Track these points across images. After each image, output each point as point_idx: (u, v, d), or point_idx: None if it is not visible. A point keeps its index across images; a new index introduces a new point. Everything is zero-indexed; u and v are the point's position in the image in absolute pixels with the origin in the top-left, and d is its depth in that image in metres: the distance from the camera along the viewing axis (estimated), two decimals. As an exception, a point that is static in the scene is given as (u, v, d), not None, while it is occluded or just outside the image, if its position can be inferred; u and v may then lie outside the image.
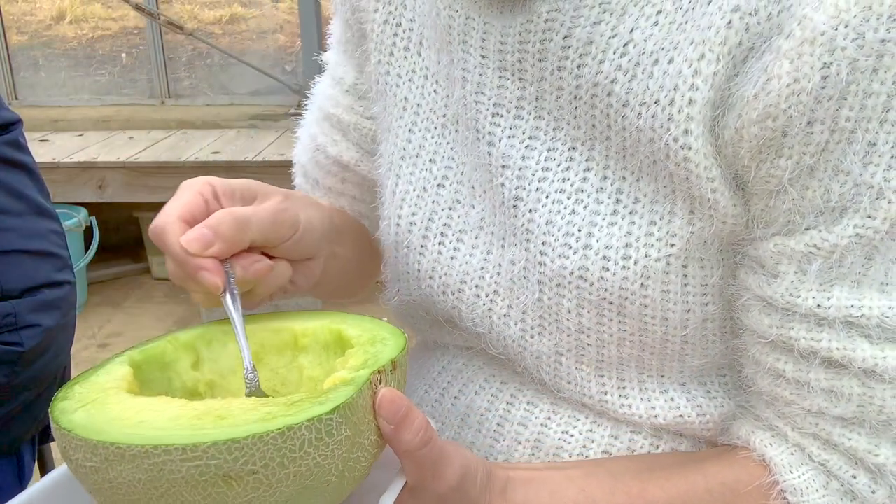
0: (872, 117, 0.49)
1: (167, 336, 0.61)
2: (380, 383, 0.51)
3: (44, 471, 1.51)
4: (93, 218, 3.05)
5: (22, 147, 1.28)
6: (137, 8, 3.30)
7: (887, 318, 0.53)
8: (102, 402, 0.50)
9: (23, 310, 1.24)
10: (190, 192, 0.59)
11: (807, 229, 0.53)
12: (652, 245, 0.57)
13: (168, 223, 0.57)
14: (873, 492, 0.56)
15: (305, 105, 0.84)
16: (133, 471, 0.45)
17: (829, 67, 0.48)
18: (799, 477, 0.57)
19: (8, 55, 3.79)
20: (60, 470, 0.55)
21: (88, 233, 3.04)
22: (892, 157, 0.50)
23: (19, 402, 1.24)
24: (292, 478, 0.46)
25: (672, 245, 0.57)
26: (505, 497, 0.57)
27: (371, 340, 0.56)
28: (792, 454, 0.58)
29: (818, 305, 0.54)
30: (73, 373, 1.60)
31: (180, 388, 0.59)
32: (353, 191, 0.81)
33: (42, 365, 1.26)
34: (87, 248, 2.94)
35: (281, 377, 0.61)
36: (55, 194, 1.41)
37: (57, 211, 1.34)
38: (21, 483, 1.32)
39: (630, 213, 0.58)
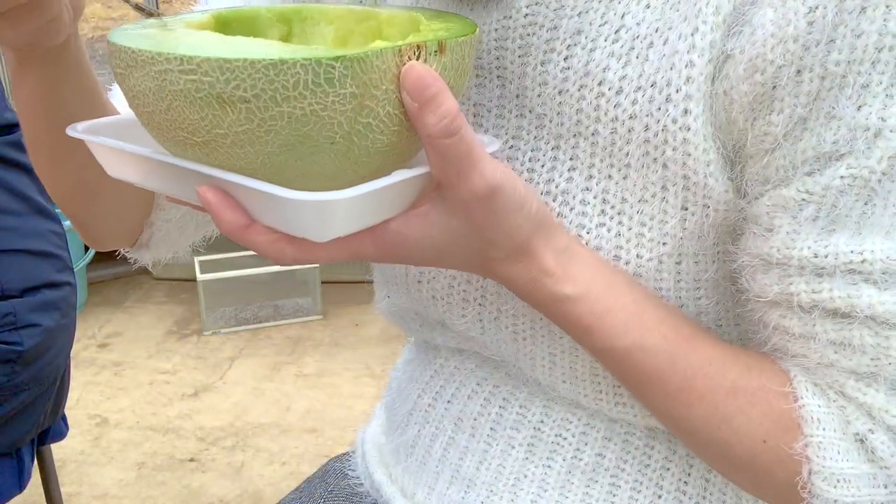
0: (864, 59, 0.48)
1: (263, 5, 0.60)
2: (417, 59, 0.47)
3: (43, 472, 1.52)
4: (93, 218, 3.05)
5: (24, 148, 1.29)
6: (137, 8, 3.30)
7: (892, 260, 0.50)
8: (157, 27, 0.51)
9: (22, 309, 1.24)
10: None
11: (800, 177, 0.51)
12: (643, 245, 0.57)
13: None
14: (892, 454, 0.53)
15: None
16: (143, 78, 0.46)
17: (814, 11, 0.47)
18: (818, 407, 0.54)
19: (8, 55, 3.78)
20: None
21: (88, 232, 3.04)
22: (886, 96, 0.49)
23: (19, 403, 1.25)
24: (287, 119, 0.44)
25: (664, 244, 0.56)
26: (558, 258, 0.54)
27: (437, 29, 0.52)
28: (815, 385, 0.55)
29: (815, 255, 0.52)
30: (73, 374, 1.61)
31: None
32: None
33: (42, 365, 1.27)
34: (87, 247, 2.95)
35: None
36: (55, 195, 1.41)
37: (57, 211, 1.34)
38: (20, 484, 1.33)
39: (618, 213, 0.57)
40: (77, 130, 0.56)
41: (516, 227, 0.52)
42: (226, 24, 0.58)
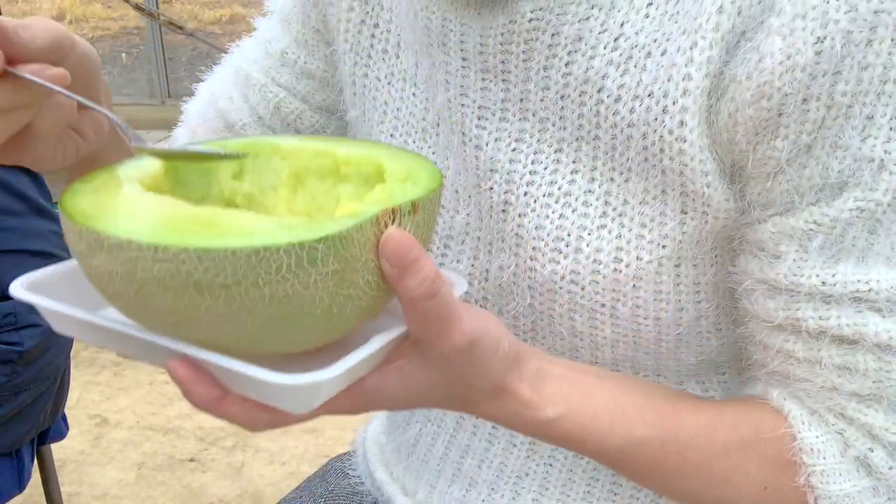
0: (869, 90, 0.49)
1: (215, 140, 0.58)
2: (392, 223, 0.47)
3: (43, 471, 1.52)
4: (93, 218, 3.05)
5: (23, 148, 1.29)
6: (137, 8, 3.30)
7: None
8: (111, 191, 0.49)
9: (23, 309, 1.24)
10: None
11: (807, 206, 0.52)
12: (643, 247, 0.57)
13: None
14: (890, 468, 0.55)
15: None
16: (111, 262, 0.44)
17: (822, 42, 0.48)
18: (817, 437, 0.55)
19: (8, 55, 3.78)
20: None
21: (88, 233, 3.03)
22: (891, 128, 0.50)
23: (19, 403, 1.25)
24: (268, 300, 0.43)
25: (664, 247, 0.57)
26: (533, 384, 0.55)
27: (403, 178, 0.52)
28: (811, 414, 0.56)
29: (823, 283, 0.53)
30: (73, 374, 1.61)
31: (217, 196, 0.57)
32: None
33: (42, 365, 1.27)
34: (86, 247, 2.95)
35: (318, 203, 0.58)
36: (55, 194, 1.41)
37: (57, 211, 1.35)
38: (20, 483, 1.33)
39: (619, 215, 0.58)
40: (21, 289, 0.52)
41: (493, 370, 0.52)
42: (176, 167, 0.56)
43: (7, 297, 1.23)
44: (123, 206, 0.47)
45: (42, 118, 0.51)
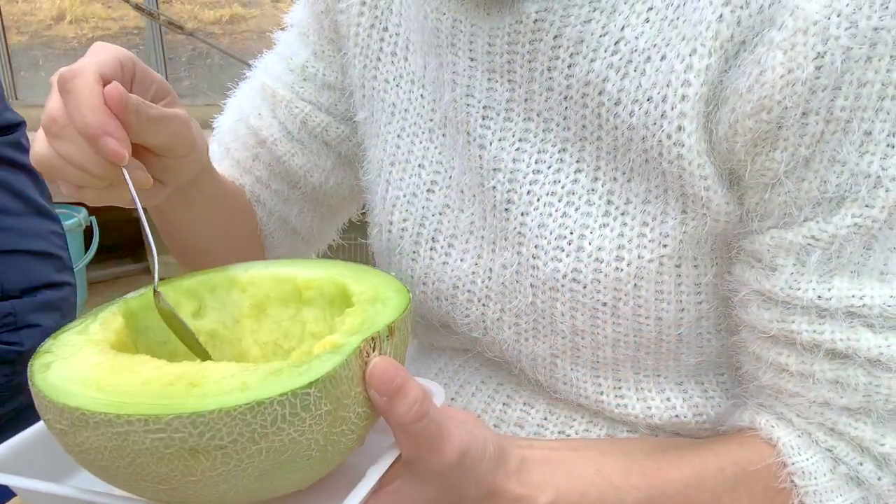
0: (868, 106, 0.49)
1: (169, 281, 0.58)
2: (373, 351, 0.48)
3: (44, 471, 1.52)
4: (93, 218, 3.05)
5: (24, 149, 1.29)
6: (137, 8, 3.30)
7: (889, 306, 0.53)
8: (81, 358, 0.48)
9: (22, 310, 1.24)
10: (108, 53, 0.54)
11: (804, 221, 0.53)
12: (645, 246, 0.57)
13: (84, 69, 0.52)
14: (879, 479, 0.56)
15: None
16: (98, 438, 0.43)
17: (822, 57, 0.48)
18: (807, 460, 0.56)
19: (8, 55, 3.79)
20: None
21: (88, 233, 3.04)
22: (888, 145, 0.50)
23: (19, 403, 1.25)
24: (265, 453, 0.43)
25: (665, 245, 0.57)
26: (520, 477, 0.55)
27: (372, 299, 0.53)
28: (799, 437, 0.57)
29: (819, 297, 0.53)
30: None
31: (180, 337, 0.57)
32: (261, 171, 0.79)
33: (42, 365, 1.26)
34: (87, 248, 2.95)
35: (284, 330, 0.59)
36: (55, 194, 1.41)
37: (57, 211, 1.34)
38: (21, 483, 1.32)
39: (622, 214, 0.58)
40: None
41: (483, 473, 0.53)
42: (136, 315, 0.56)
43: (7, 297, 1.23)
44: (100, 376, 0.46)
45: (93, 196, 0.54)
